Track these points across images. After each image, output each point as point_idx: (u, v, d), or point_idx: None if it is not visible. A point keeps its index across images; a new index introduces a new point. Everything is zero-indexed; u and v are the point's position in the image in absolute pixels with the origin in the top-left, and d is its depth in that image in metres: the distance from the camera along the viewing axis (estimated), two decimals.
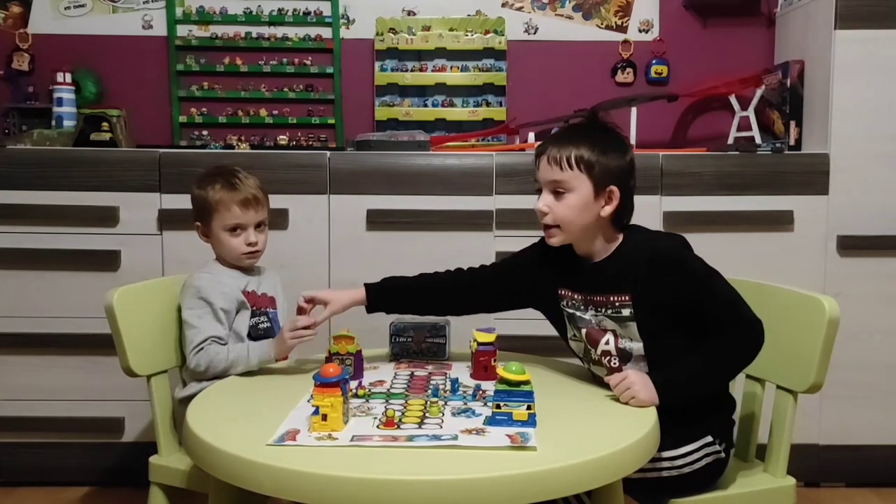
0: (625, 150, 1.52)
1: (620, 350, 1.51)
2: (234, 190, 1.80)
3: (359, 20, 2.95)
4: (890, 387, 2.44)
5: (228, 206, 1.79)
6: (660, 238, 1.55)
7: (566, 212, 1.50)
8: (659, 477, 1.43)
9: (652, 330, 1.48)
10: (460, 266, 1.78)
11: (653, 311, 1.47)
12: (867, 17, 2.39)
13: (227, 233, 1.81)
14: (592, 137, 1.50)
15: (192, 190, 1.85)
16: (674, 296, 1.45)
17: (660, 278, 1.45)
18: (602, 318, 1.53)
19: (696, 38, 2.98)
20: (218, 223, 1.81)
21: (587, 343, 1.57)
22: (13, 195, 2.33)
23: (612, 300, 1.50)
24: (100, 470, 2.42)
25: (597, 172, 1.48)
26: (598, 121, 1.64)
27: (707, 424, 1.50)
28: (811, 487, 2.45)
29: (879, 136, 2.41)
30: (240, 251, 1.82)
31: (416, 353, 1.79)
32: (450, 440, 1.20)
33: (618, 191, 1.49)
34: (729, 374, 1.52)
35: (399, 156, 2.41)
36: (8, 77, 2.89)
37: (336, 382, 1.25)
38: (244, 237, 1.81)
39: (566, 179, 1.49)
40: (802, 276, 2.32)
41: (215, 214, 1.80)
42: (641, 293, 1.47)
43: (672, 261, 1.47)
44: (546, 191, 1.53)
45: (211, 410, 1.39)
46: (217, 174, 1.84)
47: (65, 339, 2.35)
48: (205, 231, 1.85)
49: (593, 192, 1.48)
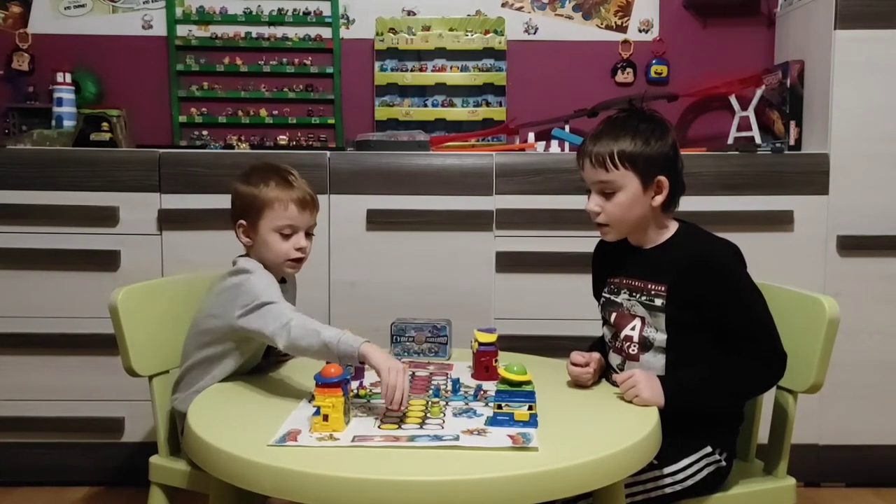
0: (665, 135, 1.51)
1: (643, 338, 1.51)
2: (291, 188, 1.66)
3: (359, 20, 2.95)
4: (890, 387, 2.44)
5: (286, 205, 1.64)
6: (715, 242, 1.53)
7: (617, 210, 1.50)
8: (662, 494, 1.43)
9: (679, 325, 1.47)
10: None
11: (684, 307, 1.46)
12: (867, 17, 2.39)
13: (278, 234, 1.65)
14: (632, 129, 1.49)
15: (237, 186, 1.70)
16: (708, 299, 1.44)
17: (700, 278, 1.45)
18: (634, 304, 1.53)
19: (696, 38, 2.98)
20: (268, 223, 1.65)
21: (613, 328, 1.58)
22: (13, 195, 2.33)
23: (648, 287, 1.51)
24: (100, 470, 2.42)
25: (642, 166, 1.47)
26: (634, 110, 1.61)
27: (707, 435, 1.49)
28: (811, 487, 2.45)
29: (879, 136, 2.41)
30: (288, 256, 1.66)
31: (418, 354, 1.79)
32: (451, 441, 1.20)
33: (666, 179, 1.49)
34: (738, 397, 1.52)
35: (399, 156, 2.41)
36: (8, 77, 2.89)
37: (337, 383, 1.25)
38: (294, 241, 1.66)
39: (613, 179, 1.49)
40: (802, 276, 2.32)
41: (267, 212, 1.64)
42: (678, 287, 1.47)
43: (718, 265, 1.46)
44: (594, 191, 1.53)
45: (212, 411, 1.39)
46: (269, 170, 1.69)
47: (65, 339, 2.34)
48: (248, 231, 1.68)
49: (641, 187, 1.49)
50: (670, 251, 1.52)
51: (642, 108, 1.63)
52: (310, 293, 2.33)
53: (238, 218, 1.69)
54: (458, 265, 2.37)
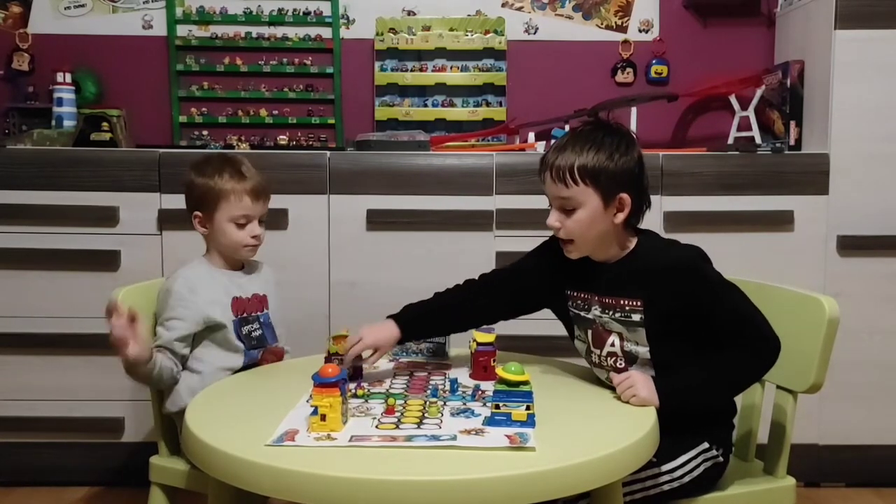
0: (631, 149, 1.46)
1: (626, 353, 1.50)
2: (244, 179, 1.73)
3: (359, 20, 2.95)
4: (890, 387, 2.44)
5: (240, 196, 1.72)
6: (678, 247, 1.51)
7: (577, 227, 1.46)
8: (661, 492, 1.43)
9: (660, 336, 1.46)
10: (468, 275, 1.74)
11: (663, 318, 1.45)
12: (867, 17, 2.39)
13: (233, 224, 1.73)
14: (596, 143, 1.44)
15: (191, 178, 1.76)
16: (687, 305, 1.43)
17: (675, 286, 1.43)
18: (608, 321, 1.52)
19: (696, 38, 2.98)
20: (224, 213, 1.72)
21: (591, 344, 1.56)
22: (13, 195, 2.33)
23: (622, 303, 1.48)
24: (100, 470, 2.42)
25: (603, 182, 1.43)
26: (599, 123, 1.57)
27: (704, 431, 1.49)
28: (811, 487, 2.45)
29: (879, 136, 2.41)
30: (243, 243, 1.75)
31: (416, 354, 1.79)
32: (448, 440, 1.20)
33: (628, 197, 1.45)
34: (736, 388, 1.51)
35: (399, 156, 2.40)
36: (8, 77, 2.89)
37: (335, 383, 1.25)
38: (249, 229, 1.75)
39: (572, 196, 1.44)
40: (802, 276, 2.32)
41: (222, 204, 1.72)
42: (654, 299, 1.45)
43: (689, 270, 1.44)
44: (555, 207, 1.49)
45: (210, 410, 1.39)
46: (223, 162, 1.76)
47: (65, 339, 2.35)
48: (204, 221, 1.76)
49: (602, 204, 1.44)
50: (637, 263, 1.49)
51: (608, 120, 1.60)
52: (310, 293, 2.35)
53: (193, 209, 1.76)
54: (458, 265, 2.36)
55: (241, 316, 1.75)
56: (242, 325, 1.75)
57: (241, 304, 1.77)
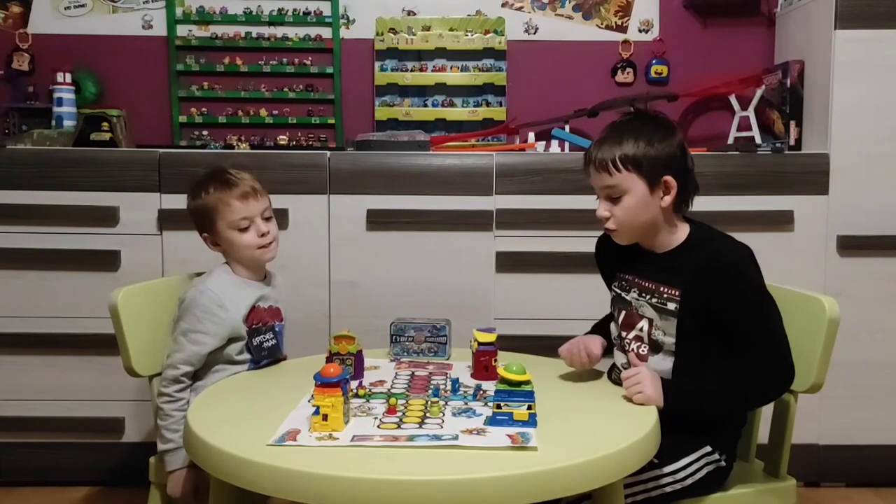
0: (670, 135, 1.49)
1: (652, 340, 1.51)
2: (229, 186, 1.73)
3: (359, 20, 2.95)
4: (890, 387, 2.44)
5: (228, 203, 1.72)
6: (728, 244, 1.51)
7: (625, 214, 1.49)
8: (662, 493, 1.43)
9: (690, 330, 1.47)
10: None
11: (697, 313, 1.45)
12: (867, 17, 2.39)
13: (236, 231, 1.73)
14: (635, 132, 1.47)
15: (188, 203, 1.78)
16: (717, 301, 1.43)
17: (711, 284, 1.43)
18: (643, 304, 1.53)
19: (696, 38, 2.98)
20: (223, 224, 1.73)
21: (621, 325, 1.58)
22: (13, 195, 2.33)
23: (661, 290, 1.50)
24: (100, 470, 2.42)
25: (646, 167, 1.46)
26: (638, 113, 1.60)
27: (707, 434, 1.49)
28: (811, 487, 2.45)
29: (879, 136, 2.41)
30: (254, 245, 1.73)
31: (417, 353, 1.79)
32: (450, 440, 1.20)
33: (673, 179, 1.48)
34: (742, 403, 1.52)
35: (399, 156, 2.40)
36: (8, 77, 2.89)
37: (337, 382, 1.25)
38: (254, 229, 1.73)
39: (618, 183, 1.47)
40: (802, 276, 2.32)
41: (217, 216, 1.73)
42: (691, 293, 1.46)
43: (729, 271, 1.44)
44: (602, 197, 1.52)
45: (211, 410, 1.39)
46: (208, 178, 1.77)
47: (65, 339, 2.34)
48: (213, 239, 1.77)
49: (648, 189, 1.47)
50: (684, 254, 1.51)
51: (646, 109, 1.62)
52: (310, 293, 2.35)
53: (201, 232, 1.79)
54: (458, 265, 2.37)
55: (254, 326, 1.74)
56: (254, 336, 1.73)
57: (258, 313, 1.75)
